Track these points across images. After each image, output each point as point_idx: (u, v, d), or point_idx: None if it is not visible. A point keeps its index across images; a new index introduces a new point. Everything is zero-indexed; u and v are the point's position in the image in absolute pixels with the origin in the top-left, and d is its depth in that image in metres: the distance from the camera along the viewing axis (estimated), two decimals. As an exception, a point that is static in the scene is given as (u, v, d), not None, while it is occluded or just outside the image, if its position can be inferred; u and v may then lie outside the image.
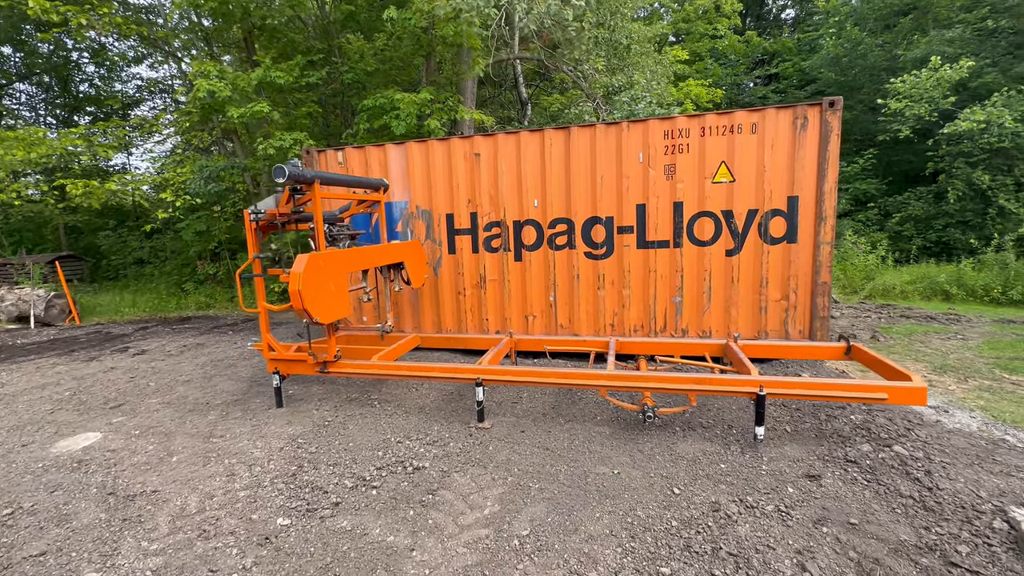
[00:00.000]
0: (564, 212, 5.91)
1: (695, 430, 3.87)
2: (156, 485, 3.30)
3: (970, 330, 7.78)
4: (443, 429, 4.05)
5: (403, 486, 3.19)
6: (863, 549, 2.47)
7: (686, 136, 5.43)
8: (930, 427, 3.95)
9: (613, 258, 5.84)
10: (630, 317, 5.88)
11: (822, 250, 5.21)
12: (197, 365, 6.33)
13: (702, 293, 5.62)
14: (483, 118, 9.23)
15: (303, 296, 3.72)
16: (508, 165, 5.99)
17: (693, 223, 5.54)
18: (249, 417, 4.45)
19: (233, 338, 8.04)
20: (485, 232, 6.19)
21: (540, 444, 3.74)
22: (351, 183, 4.90)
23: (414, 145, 6.27)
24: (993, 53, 14.80)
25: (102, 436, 4.11)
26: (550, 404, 4.53)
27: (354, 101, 10.26)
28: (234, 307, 11.74)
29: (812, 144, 5.12)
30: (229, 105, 8.65)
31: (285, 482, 3.29)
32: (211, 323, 9.65)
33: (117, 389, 5.40)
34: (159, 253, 14.55)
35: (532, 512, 2.87)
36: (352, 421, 4.28)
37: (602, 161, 5.70)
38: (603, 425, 4.05)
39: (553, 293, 6.07)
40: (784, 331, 5.45)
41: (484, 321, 6.31)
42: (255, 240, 4.36)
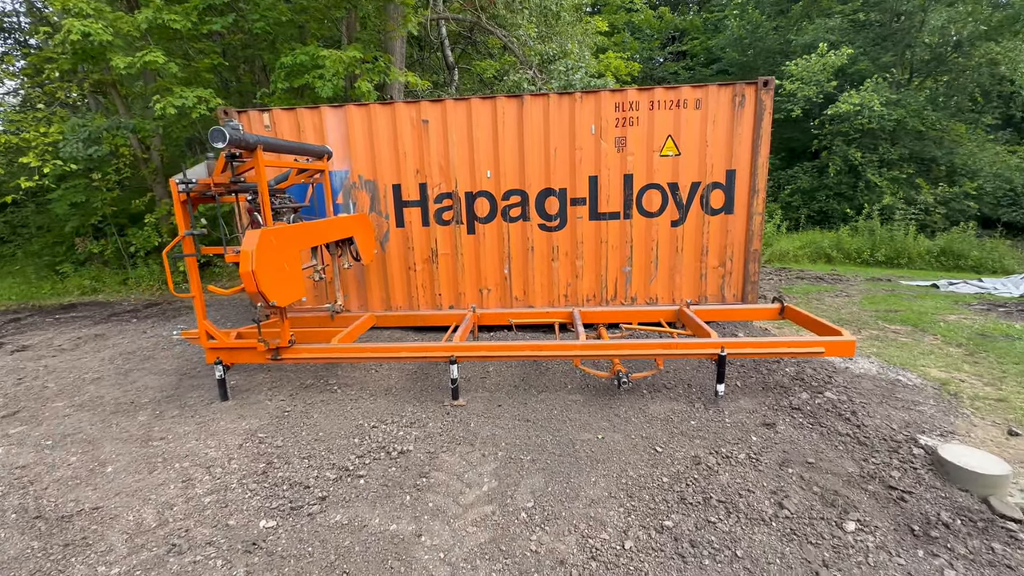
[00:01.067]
0: (518, 183, 5.83)
1: (661, 392, 4.14)
2: (95, 501, 2.86)
3: (851, 288, 9.03)
4: (417, 410, 3.93)
5: (392, 472, 3.07)
6: (823, 483, 2.83)
7: (636, 109, 5.55)
8: (843, 374, 4.58)
9: (567, 230, 5.91)
10: (583, 287, 6.05)
11: (754, 220, 5.69)
12: (104, 360, 5.49)
13: (650, 262, 5.91)
14: (417, 81, 8.70)
15: (257, 277, 3.33)
16: (459, 134, 5.74)
17: (642, 195, 5.75)
18: (190, 414, 3.98)
19: (140, 326, 7.06)
20: (436, 204, 5.94)
21: (520, 416, 3.77)
22: (295, 150, 4.41)
23: (354, 109, 5.77)
24: (865, 43, 16.76)
25: (2, 451, 3.45)
26: (519, 376, 4.57)
27: (267, 56, 9.13)
28: (128, 291, 10.28)
29: (748, 121, 5.50)
30: (112, 53, 7.28)
31: (256, 481, 3.01)
32: (105, 310, 8.38)
33: (3, 394, 4.53)
34: (20, 230, 12.17)
35: (531, 484, 2.91)
36: (315, 409, 4.00)
37: (555, 132, 5.66)
38: (575, 393, 4.18)
39: (508, 266, 6.04)
40: (721, 295, 5.94)
41: (437, 296, 6.13)
42: (185, 214, 3.79)
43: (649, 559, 2.32)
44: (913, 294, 8.18)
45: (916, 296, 7.98)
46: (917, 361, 4.94)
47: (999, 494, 2.66)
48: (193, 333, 4.64)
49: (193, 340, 4.68)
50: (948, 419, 3.68)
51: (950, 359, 4.97)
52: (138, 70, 7.48)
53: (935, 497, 2.68)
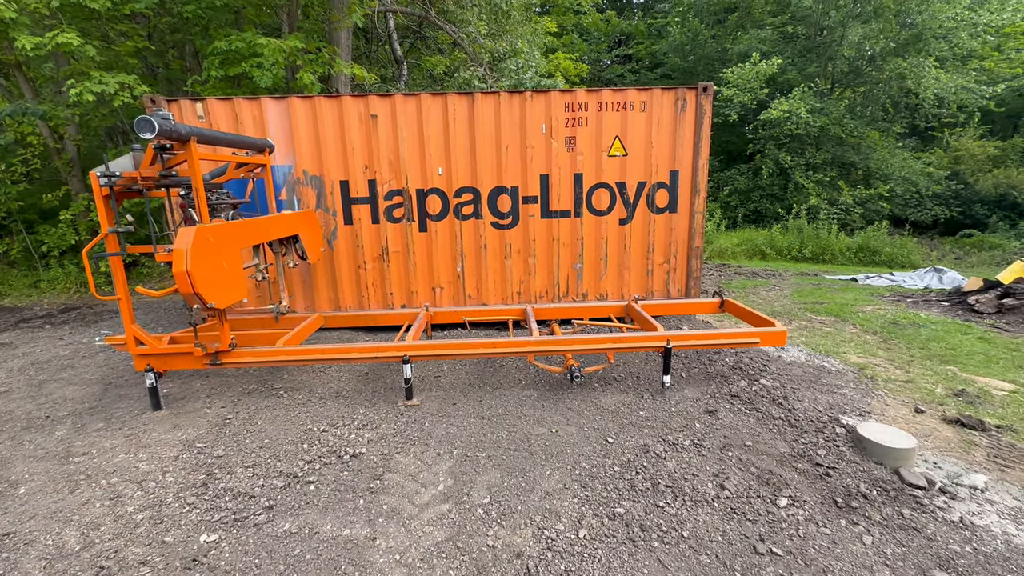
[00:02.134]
0: (470, 181, 5.82)
1: (611, 384, 4.27)
2: (5, 527, 2.58)
3: (783, 283, 9.70)
4: (370, 411, 3.84)
5: (344, 476, 2.98)
6: (759, 464, 3.04)
7: (585, 110, 5.68)
8: (776, 362, 4.92)
9: (519, 227, 5.96)
10: (536, 284, 6.13)
11: (696, 219, 5.98)
12: (12, 371, 4.96)
13: (599, 259, 6.08)
14: (364, 74, 8.45)
15: (192, 277, 3.13)
16: (409, 130, 5.65)
17: (591, 194, 5.90)
18: (117, 426, 3.68)
19: (55, 333, 6.44)
20: (386, 201, 5.81)
21: (475, 414, 3.78)
22: (233, 142, 4.17)
23: (297, 101, 5.53)
24: (793, 54, 18.01)
25: None
26: (473, 374, 4.57)
27: (198, 41, 8.56)
28: (39, 294, 9.33)
29: (690, 124, 5.77)
30: (16, 31, 6.56)
31: (195, 494, 2.83)
32: (12, 316, 7.56)
33: None
34: (-96, 226, 10.71)
35: (487, 480, 2.93)
36: (259, 415, 3.81)
37: (507, 130, 5.69)
38: (529, 389, 4.23)
39: (461, 263, 6.01)
40: (666, 291, 6.20)
41: (388, 296, 6.01)
42: (108, 210, 3.49)
43: (602, 546, 2.40)
44: (836, 287, 8.89)
45: (838, 289, 8.68)
46: (839, 348, 5.39)
47: (907, 465, 2.96)
48: (119, 339, 4.29)
49: (119, 346, 4.33)
50: (866, 400, 4.04)
51: (867, 346, 5.45)
52: (48, 52, 6.79)
53: (855, 471, 2.94)
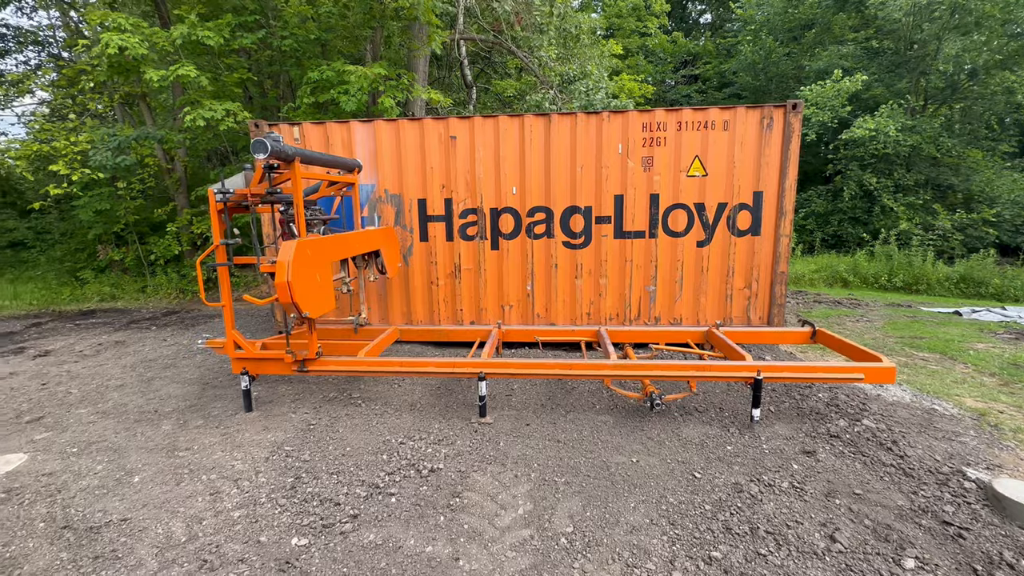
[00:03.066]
0: (543, 200, 5.84)
1: (692, 415, 4.04)
2: (123, 512, 2.80)
3: (871, 313, 8.89)
4: (444, 426, 3.86)
5: (423, 491, 2.99)
6: (874, 516, 2.72)
7: (664, 129, 5.57)
8: (876, 401, 4.45)
9: (591, 248, 5.89)
10: (606, 306, 5.99)
11: (781, 242, 5.64)
12: (125, 367, 5.48)
13: (674, 282, 5.86)
14: (440, 99, 8.83)
15: (292, 288, 3.32)
16: (486, 150, 5.79)
17: (668, 214, 5.73)
18: (214, 425, 3.93)
19: (159, 334, 7.07)
20: (460, 219, 5.95)
21: (550, 437, 3.69)
22: (328, 162, 4.44)
23: (383, 124, 5.84)
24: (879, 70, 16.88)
25: (28, 457, 3.41)
26: (545, 395, 4.49)
27: (293, 72, 9.33)
28: (146, 298, 10.35)
29: (776, 143, 5.49)
30: (146, 66, 7.46)
31: (286, 496, 2.94)
32: (124, 317, 8.42)
33: (28, 399, 4.52)
34: (43, 236, 12.36)
35: (568, 507, 2.82)
36: (340, 423, 3.94)
37: (582, 150, 5.69)
38: (604, 414, 4.09)
39: (531, 282, 6.01)
40: (746, 318, 5.85)
41: (458, 312, 6.10)
42: (221, 223, 3.80)
43: (699, 592, 2.22)
44: (936, 321, 8.02)
45: (939, 323, 7.83)
46: (951, 390, 4.81)
47: (1063, 533, 2.54)
48: (218, 342, 4.63)
49: (218, 349, 4.66)
50: (993, 451, 3.55)
51: (985, 389, 4.83)
52: (170, 83, 7.65)
53: (994, 535, 2.56)
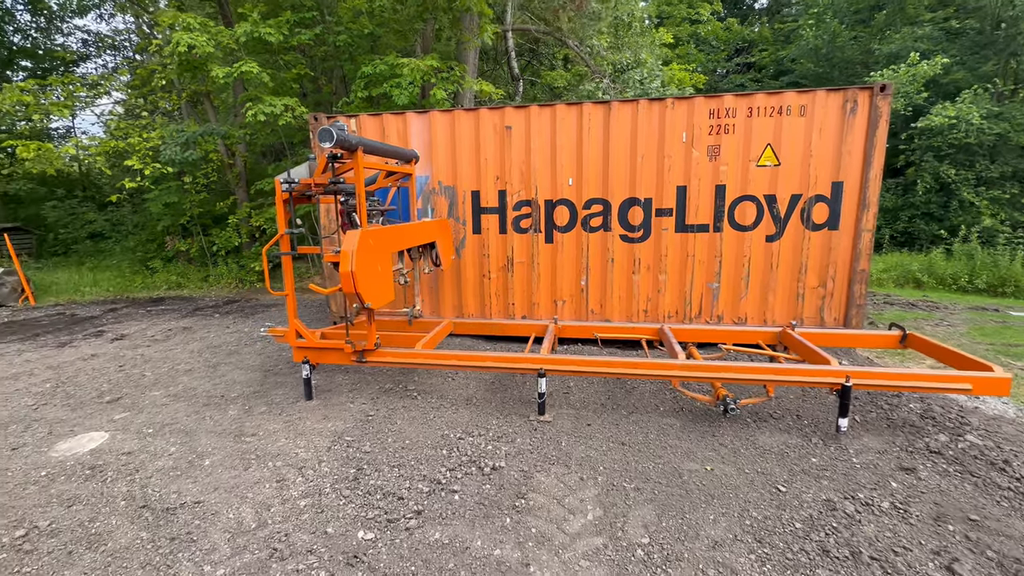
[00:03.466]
0: (600, 192, 5.63)
1: (767, 422, 3.75)
2: (196, 495, 2.85)
3: (951, 317, 8.10)
4: (502, 423, 3.75)
5: (486, 489, 2.89)
6: (999, 548, 2.39)
7: (732, 116, 5.23)
8: (975, 414, 3.99)
9: (650, 241, 5.63)
10: (665, 303, 5.72)
11: (863, 237, 5.18)
12: (192, 352, 5.71)
13: (740, 279, 5.51)
14: (491, 90, 8.73)
15: (356, 278, 3.29)
16: (541, 140, 5.63)
17: (735, 207, 5.39)
18: (277, 411, 4.00)
19: (223, 321, 7.37)
20: (514, 211, 5.83)
21: (613, 439, 3.51)
22: (388, 153, 4.42)
23: (438, 115, 5.79)
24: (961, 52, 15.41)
25: (109, 436, 3.57)
26: (603, 394, 4.31)
27: (347, 67, 9.49)
28: (208, 287, 10.86)
29: (860, 129, 5.03)
30: (212, 63, 7.76)
31: (349, 488, 2.92)
32: (190, 305, 8.85)
33: (108, 380, 4.77)
34: (118, 227, 13.24)
35: (641, 516, 2.65)
36: (397, 415, 3.91)
37: (643, 139, 5.43)
38: (669, 416, 3.86)
39: (585, 277, 5.81)
40: (819, 318, 5.43)
41: (510, 306, 5.99)
42: (285, 213, 3.84)
43: (799, 621, 2.00)
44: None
45: (1039, 329, 7.03)
46: (1066, 405, 4.26)
47: None
48: (280, 331, 4.72)
49: (279, 338, 4.76)
50: None
51: (1109, 405, 4.24)
52: (234, 80, 7.93)
53: None
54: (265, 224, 10.77)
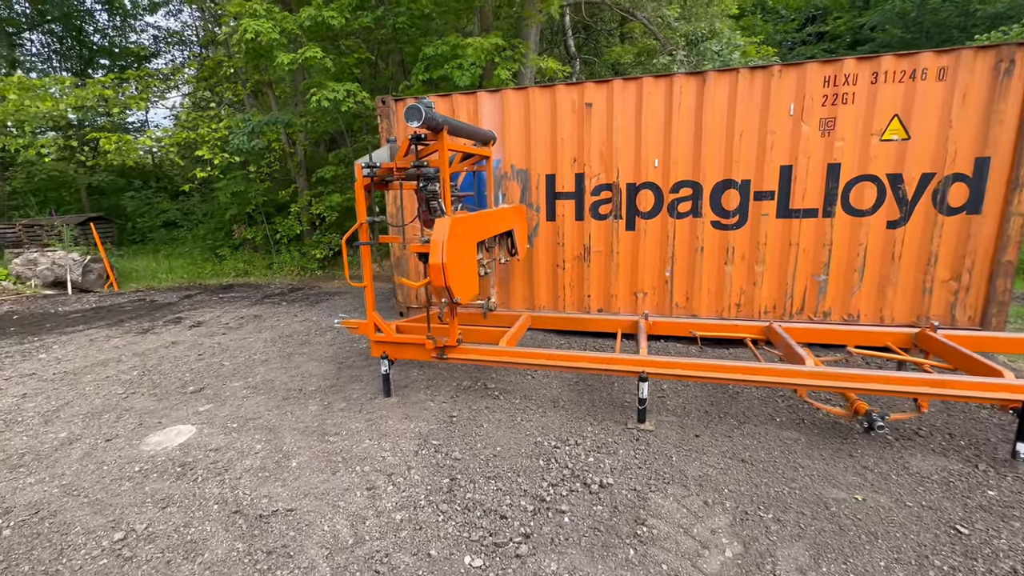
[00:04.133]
0: (690, 174, 5.09)
1: (912, 441, 3.20)
2: (287, 500, 2.69)
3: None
4: (598, 430, 3.41)
5: (599, 512, 2.56)
6: None
7: (852, 83, 4.54)
8: None
9: (746, 228, 5.06)
10: (761, 296, 5.16)
11: (1012, 223, 4.40)
12: (265, 341, 5.70)
13: (852, 271, 4.86)
14: (557, 67, 8.24)
15: (447, 270, 3.01)
16: (625, 118, 5.14)
17: (850, 189, 4.72)
18: (356, 409, 3.83)
19: (290, 310, 7.41)
20: (593, 196, 5.40)
21: (730, 454, 3.09)
22: (469, 133, 4.10)
23: (511, 94, 5.41)
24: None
25: (196, 430, 3.51)
26: (705, 400, 3.87)
27: (407, 49, 9.26)
28: (272, 275, 11.10)
29: (1017, 94, 4.23)
30: (277, 50, 7.72)
31: (445, 501, 2.67)
32: (257, 292, 9.03)
33: (190, 369, 4.79)
34: (189, 216, 13.83)
35: (793, 557, 2.23)
36: (482, 416, 3.64)
37: (743, 113, 4.83)
38: (788, 429, 3.39)
39: (670, 267, 5.33)
40: (950, 316, 4.71)
41: (585, 298, 5.61)
42: (366, 200, 3.61)
43: None
44: None
45: None
46: None
47: None
48: (354, 322, 4.56)
49: (352, 329, 4.60)
50: None
51: None
52: (298, 66, 7.86)
53: None
54: (325, 212, 10.84)
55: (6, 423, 3.69)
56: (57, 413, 3.86)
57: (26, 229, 11.16)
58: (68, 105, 8.86)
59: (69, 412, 3.87)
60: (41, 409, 3.93)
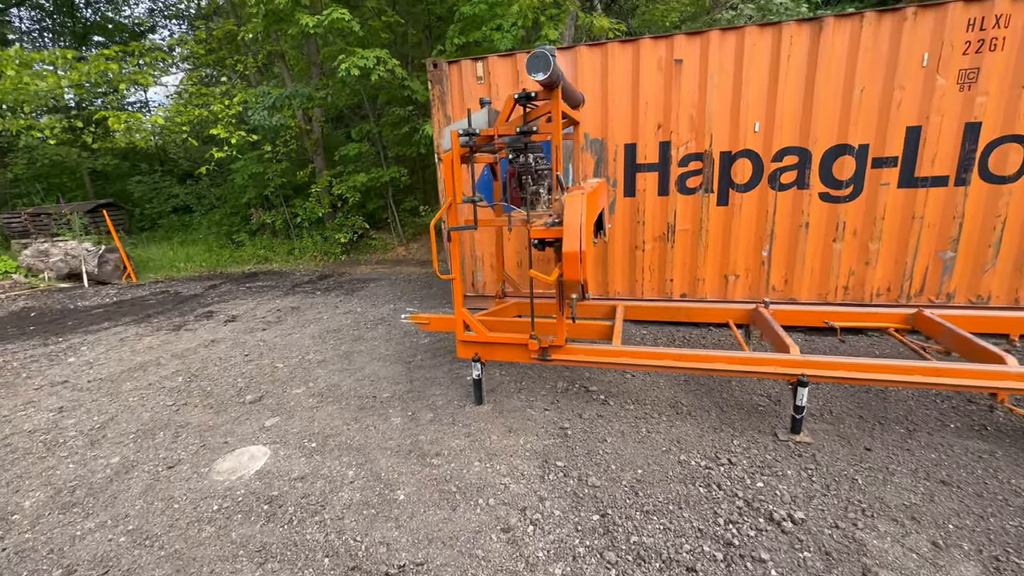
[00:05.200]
0: (797, 139, 4.46)
1: None
2: (410, 550, 2.18)
3: None
4: (744, 443, 2.89)
5: (808, 560, 2.05)
6: None
7: (1003, 25, 3.87)
8: None
9: (860, 200, 4.46)
10: (873, 277, 4.58)
11: None
12: (314, 338, 5.17)
13: (986, 247, 4.28)
14: (608, 24, 7.47)
15: (585, 259, 2.44)
16: (722, 76, 4.48)
17: (990, 152, 4.10)
18: (447, 420, 3.31)
19: (327, 300, 6.86)
20: (680, 168, 4.78)
21: (923, 474, 2.57)
22: (570, 93, 3.45)
23: (585, 51, 4.73)
24: None
25: (271, 452, 3.00)
26: (850, 401, 3.34)
27: (438, 9, 8.45)
28: (295, 260, 10.52)
29: None
30: (299, 12, 6.96)
31: (608, 547, 2.16)
32: (285, 281, 8.47)
33: (240, 373, 4.27)
34: (202, 200, 13.16)
35: (1098, 627, 1.72)
36: (599, 428, 3.12)
37: (864, 66, 4.17)
38: (972, 439, 2.86)
39: (768, 246, 4.74)
40: (1101, 297, 4.15)
41: (667, 282, 5.04)
42: (458, 176, 3.00)
43: None
44: None
45: None
46: None
47: None
48: (425, 317, 4.02)
49: (423, 325, 4.06)
50: None
51: None
52: (323, 29, 7.12)
53: None
54: (348, 193, 10.20)
55: (47, 446, 3.19)
56: (103, 432, 3.35)
57: (32, 218, 10.55)
58: (70, 82, 8.14)
59: (116, 430, 3.36)
60: (83, 427, 3.42)
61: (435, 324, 4.04)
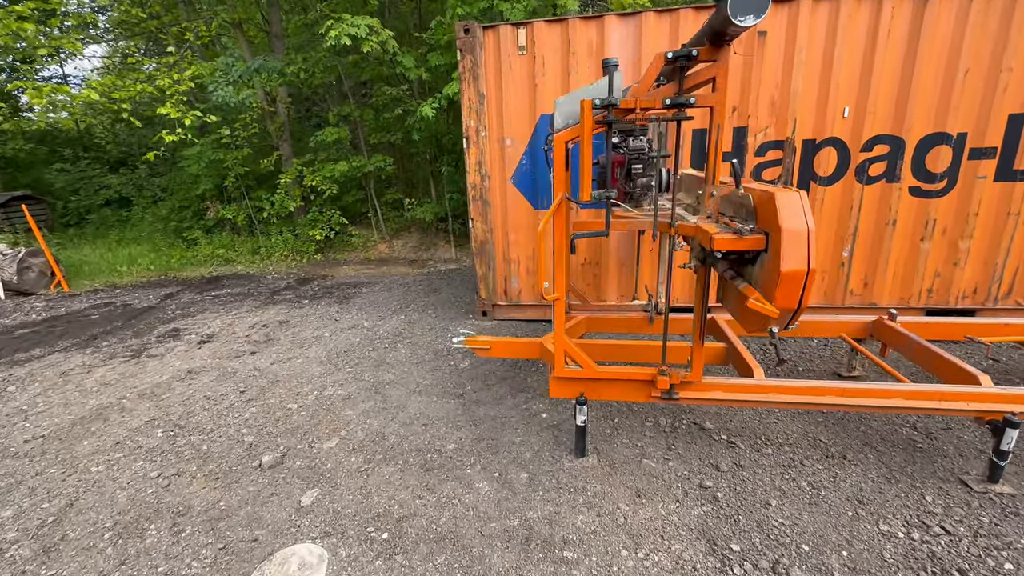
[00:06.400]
0: (890, 127, 3.99)
1: None
2: None
3: None
4: (940, 499, 2.33)
5: None
6: None
7: (1124, 2, 3.51)
8: None
9: (952, 195, 4.06)
10: (961, 279, 4.22)
11: None
12: (322, 363, 4.21)
13: (1082, 245, 3.99)
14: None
15: (811, 283, 1.75)
16: (811, 52, 3.92)
17: (1095, 143, 3.78)
18: (550, 483, 2.55)
19: (319, 310, 5.83)
20: (756, 157, 4.20)
21: None
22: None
23: (652, 17, 4.04)
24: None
25: (328, 554, 2.12)
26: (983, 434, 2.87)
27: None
28: (261, 261, 9.21)
29: None
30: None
31: None
32: (257, 286, 7.28)
33: (242, 420, 3.29)
34: (143, 191, 11.40)
35: None
36: (747, 484, 2.47)
37: (971, 44, 3.73)
38: None
39: (850, 246, 4.27)
40: None
41: (734, 287, 4.47)
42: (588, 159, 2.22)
43: None
44: None
45: None
46: None
47: None
48: (483, 342, 3.24)
49: (481, 351, 3.28)
50: None
51: None
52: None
53: None
54: (324, 185, 9.01)
55: (-28, 564, 2.15)
56: (59, 530, 2.33)
57: (-76, 214, 8.64)
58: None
59: (81, 527, 2.35)
60: (27, 523, 2.38)
61: (498, 350, 3.26)
